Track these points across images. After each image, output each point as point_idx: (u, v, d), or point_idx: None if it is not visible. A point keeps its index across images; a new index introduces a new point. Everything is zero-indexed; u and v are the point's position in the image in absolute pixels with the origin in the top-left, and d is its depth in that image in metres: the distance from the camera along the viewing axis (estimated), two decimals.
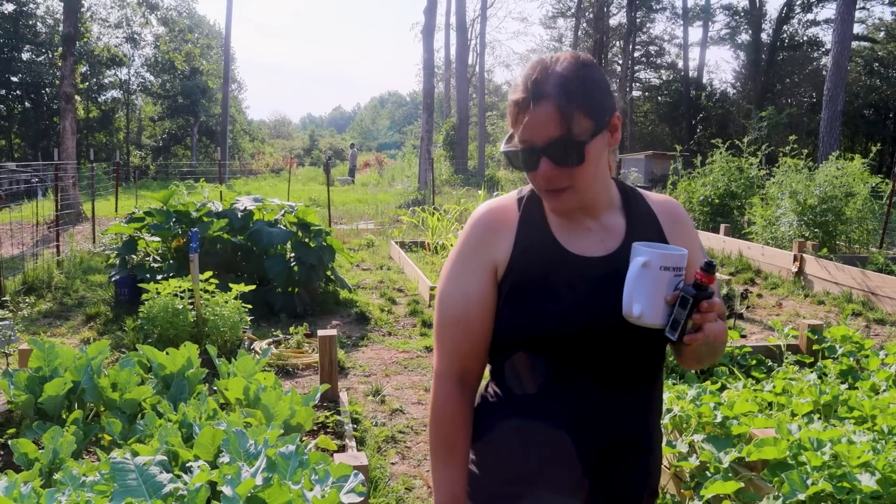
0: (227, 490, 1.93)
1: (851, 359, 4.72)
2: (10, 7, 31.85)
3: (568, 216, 1.50)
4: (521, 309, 1.44)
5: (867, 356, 4.73)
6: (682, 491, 3.25)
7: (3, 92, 32.75)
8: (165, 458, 2.21)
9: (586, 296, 1.41)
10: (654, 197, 1.58)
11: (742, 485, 2.87)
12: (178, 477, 2.18)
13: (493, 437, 1.52)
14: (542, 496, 1.45)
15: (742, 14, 37.37)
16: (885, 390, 4.10)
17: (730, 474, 2.94)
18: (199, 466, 2.29)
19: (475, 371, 1.55)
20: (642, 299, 1.34)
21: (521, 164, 1.42)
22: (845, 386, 4.25)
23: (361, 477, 2.12)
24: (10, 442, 3.28)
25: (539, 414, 1.45)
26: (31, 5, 32.53)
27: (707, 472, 3.05)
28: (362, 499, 2.03)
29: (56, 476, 2.39)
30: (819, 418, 3.73)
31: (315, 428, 4.24)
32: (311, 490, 2.05)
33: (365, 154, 52.56)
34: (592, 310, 1.40)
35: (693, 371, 4.42)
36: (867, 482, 2.65)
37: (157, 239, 8.01)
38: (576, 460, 1.43)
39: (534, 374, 1.45)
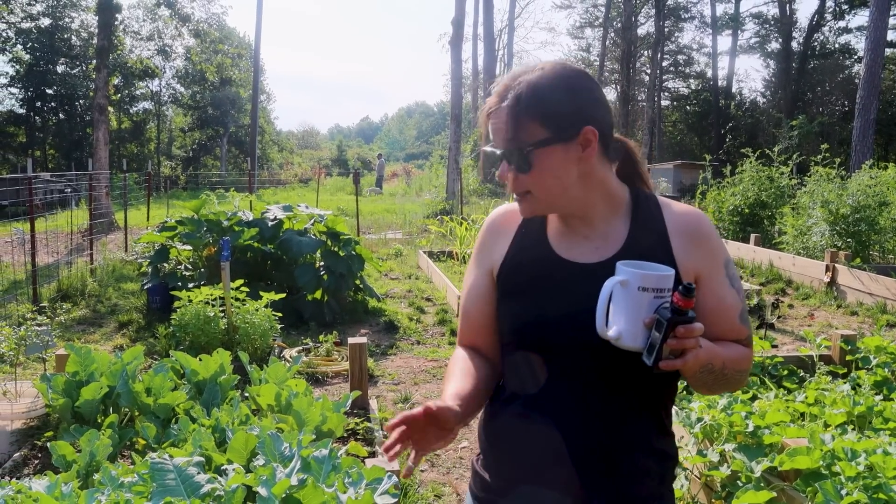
0: (262, 490, 1.96)
1: (886, 370, 4.64)
2: (46, 21, 32.55)
3: (564, 222, 1.51)
4: (510, 308, 1.50)
5: None
6: (713, 501, 3.23)
7: (39, 104, 33.45)
8: (202, 460, 2.25)
9: (572, 301, 1.39)
10: (676, 208, 1.50)
11: (774, 495, 2.85)
12: (214, 479, 2.22)
13: (489, 432, 1.56)
14: (525, 495, 1.47)
15: (772, 22, 37.07)
16: None
17: (762, 484, 2.92)
18: (233, 469, 2.33)
19: (483, 347, 1.61)
20: (621, 320, 1.29)
21: (489, 165, 1.48)
22: (880, 397, 4.19)
23: (395, 479, 2.14)
24: (48, 444, 3.36)
25: (523, 413, 1.48)
26: (67, 19, 33.24)
27: (738, 482, 3.03)
28: (396, 500, 2.05)
29: (95, 477, 2.44)
30: (853, 429, 3.68)
31: (345, 434, 4.27)
32: (345, 492, 2.07)
33: (392, 164, 52.79)
34: (577, 315, 1.38)
35: None
36: None
37: (189, 247, 8.12)
38: (558, 463, 1.43)
39: (522, 373, 1.49)
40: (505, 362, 1.56)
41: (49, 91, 33.05)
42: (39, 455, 3.97)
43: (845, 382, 4.53)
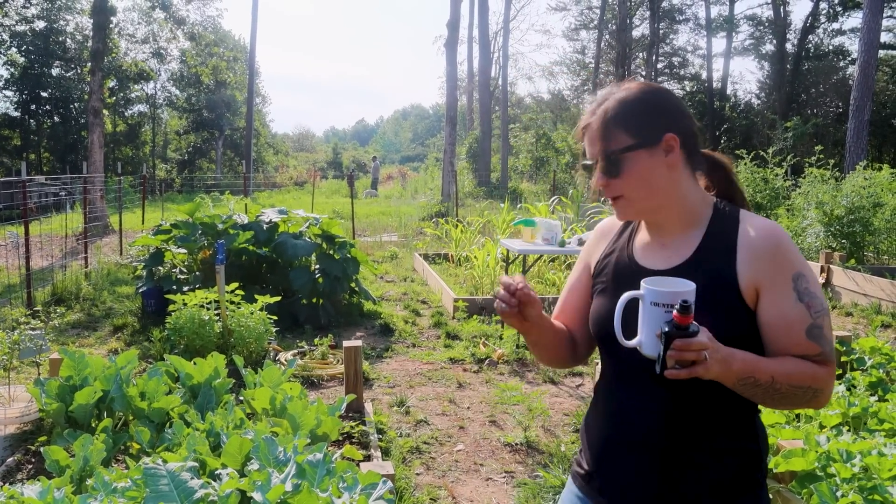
0: (257, 496, 1.95)
1: (881, 371, 4.65)
2: (40, 24, 32.48)
3: (650, 231, 1.65)
4: (593, 305, 1.69)
5: None
6: None
7: (34, 107, 33.34)
8: (196, 464, 2.24)
9: None
10: (753, 221, 1.56)
11: (771, 496, 2.84)
12: (208, 484, 2.21)
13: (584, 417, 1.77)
14: (588, 476, 1.67)
15: (766, 24, 37.11)
16: None
17: None
18: (227, 474, 2.32)
19: (566, 324, 1.80)
20: (642, 332, 1.42)
21: (589, 177, 1.62)
22: (875, 398, 4.19)
23: (390, 484, 2.13)
24: (42, 449, 3.34)
25: (598, 403, 1.70)
26: (61, 22, 33.15)
27: None
28: None
29: (89, 482, 2.43)
30: (848, 430, 3.69)
31: (340, 438, 4.26)
32: (340, 497, 2.06)
33: (388, 167, 52.80)
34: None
35: None
36: None
37: (184, 251, 8.11)
38: (612, 450, 1.61)
39: (603, 366, 1.68)
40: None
41: (44, 94, 32.94)
42: (33, 460, 3.95)
43: (840, 383, 4.53)
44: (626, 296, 1.45)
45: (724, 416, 1.53)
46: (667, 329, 1.34)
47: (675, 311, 1.33)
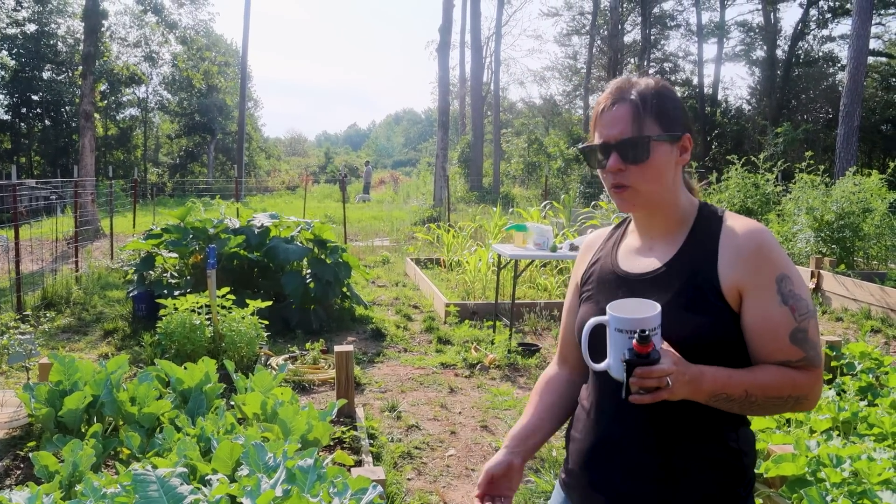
0: (247, 501, 1.95)
1: (871, 375, 4.67)
2: (31, 27, 32.38)
3: (637, 235, 1.64)
4: (580, 312, 1.67)
5: (887, 373, 4.69)
6: None
7: (24, 110, 33.20)
8: (186, 470, 2.23)
9: None
10: (735, 222, 1.53)
11: (760, 501, 2.85)
12: (198, 489, 2.20)
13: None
14: (572, 476, 1.66)
15: (757, 30, 37.31)
16: None
17: None
18: (217, 479, 2.31)
19: (570, 358, 1.78)
20: (609, 356, 1.43)
21: (593, 160, 1.58)
22: (864, 403, 4.21)
23: (380, 489, 2.13)
24: (31, 455, 3.32)
25: (581, 408, 1.67)
26: (53, 25, 33.05)
27: None
28: None
29: (78, 487, 2.42)
30: (838, 435, 3.70)
31: (332, 443, 4.25)
32: (330, 502, 2.06)
33: (380, 171, 52.74)
34: None
35: None
36: (888, 499, 2.63)
37: (175, 255, 8.08)
38: (590, 455, 1.60)
39: (590, 377, 1.66)
40: None
41: (35, 97, 32.82)
42: (22, 465, 3.93)
43: (830, 388, 4.55)
44: (591, 322, 1.47)
45: (704, 423, 1.48)
46: (627, 357, 1.35)
47: (633, 341, 1.34)
